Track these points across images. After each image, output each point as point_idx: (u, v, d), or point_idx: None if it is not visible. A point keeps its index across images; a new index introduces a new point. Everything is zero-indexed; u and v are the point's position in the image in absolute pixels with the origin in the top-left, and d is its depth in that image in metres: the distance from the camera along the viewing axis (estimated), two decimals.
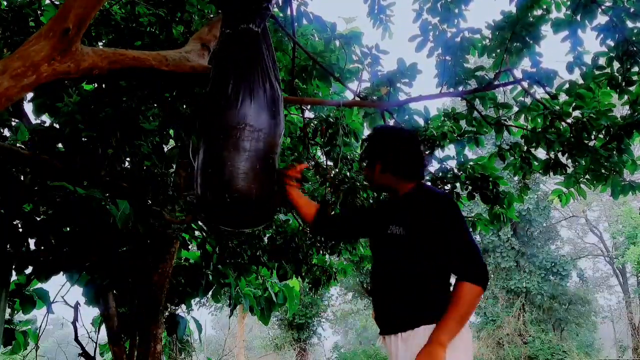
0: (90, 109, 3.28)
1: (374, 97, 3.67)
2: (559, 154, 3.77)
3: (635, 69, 3.32)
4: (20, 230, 3.58)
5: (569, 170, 3.90)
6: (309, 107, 4.22)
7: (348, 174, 3.93)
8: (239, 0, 2.15)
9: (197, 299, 7.04)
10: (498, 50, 3.53)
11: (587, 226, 26.16)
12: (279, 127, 2.08)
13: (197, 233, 4.71)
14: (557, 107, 3.59)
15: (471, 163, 3.93)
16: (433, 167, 4.04)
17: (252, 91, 2.01)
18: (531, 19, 3.38)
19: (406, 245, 1.89)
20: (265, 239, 4.78)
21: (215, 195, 1.98)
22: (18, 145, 3.73)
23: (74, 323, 4.79)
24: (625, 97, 3.43)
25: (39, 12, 3.32)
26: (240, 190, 1.94)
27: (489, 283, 1.89)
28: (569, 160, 3.76)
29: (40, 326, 5.08)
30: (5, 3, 3.28)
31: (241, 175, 1.94)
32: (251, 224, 2.26)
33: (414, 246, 1.88)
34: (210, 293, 5.31)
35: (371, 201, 3.94)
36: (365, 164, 2.14)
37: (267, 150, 2.02)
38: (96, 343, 5.17)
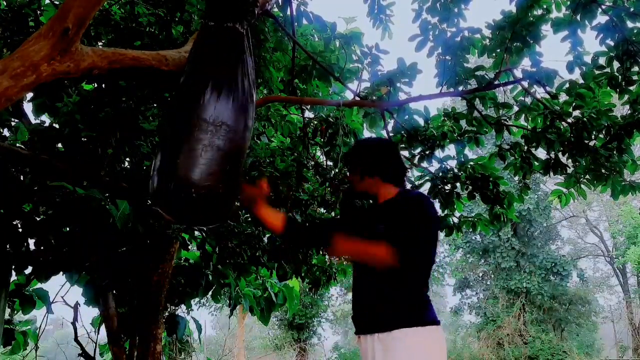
0: (90, 109, 3.28)
1: (374, 97, 3.67)
2: (559, 154, 3.76)
3: (635, 68, 3.32)
4: (20, 230, 3.58)
5: (569, 170, 3.89)
6: (309, 107, 4.22)
7: (348, 173, 3.93)
8: None
9: (197, 299, 7.03)
10: (498, 50, 3.53)
11: (587, 226, 26.17)
12: (245, 129, 2.03)
13: (197, 233, 4.70)
14: (558, 107, 3.59)
15: (471, 163, 3.92)
16: (433, 167, 4.04)
17: (220, 89, 1.96)
18: (531, 19, 3.38)
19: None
20: (265, 239, 4.78)
21: (165, 188, 1.93)
22: (18, 145, 3.73)
23: (73, 323, 4.79)
24: (626, 96, 3.43)
25: (38, 12, 3.32)
26: (189, 185, 1.88)
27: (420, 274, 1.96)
28: (569, 160, 3.76)
29: (40, 326, 5.08)
30: (5, 3, 3.27)
31: (193, 171, 1.88)
32: (203, 221, 2.24)
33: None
34: (210, 293, 5.31)
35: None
36: (349, 171, 2.24)
37: (227, 150, 1.96)
38: (96, 343, 5.16)
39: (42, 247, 3.60)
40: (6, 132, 3.96)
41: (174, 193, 1.91)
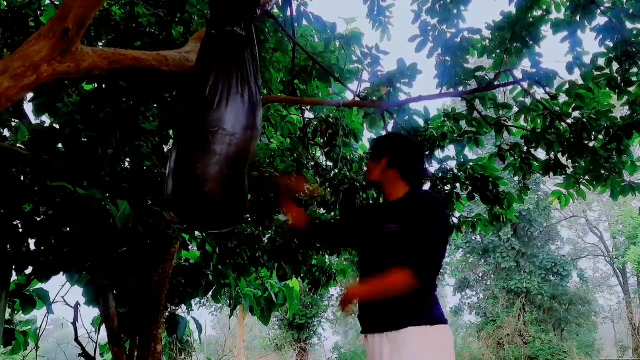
0: (90, 109, 3.28)
1: (374, 97, 3.67)
2: (559, 155, 3.77)
3: (634, 69, 3.32)
4: (20, 230, 3.58)
5: (569, 171, 3.90)
6: (309, 107, 4.22)
7: (348, 174, 3.94)
8: (227, 1, 2.13)
9: (197, 299, 7.04)
10: (498, 51, 3.54)
11: (587, 226, 26.17)
12: (253, 133, 2.06)
13: (197, 233, 4.71)
14: (557, 108, 3.59)
15: (471, 163, 3.93)
16: (432, 167, 4.05)
17: (229, 94, 1.98)
18: (531, 19, 3.38)
19: (398, 243, 1.92)
20: (265, 240, 4.78)
21: (181, 195, 1.98)
22: (18, 145, 3.73)
23: (74, 323, 4.79)
24: (625, 97, 3.43)
25: (38, 12, 3.32)
26: (205, 192, 1.93)
27: (437, 283, 1.98)
28: (569, 161, 3.76)
29: (40, 326, 5.09)
30: (5, 3, 3.28)
31: (208, 178, 1.93)
32: (215, 226, 2.32)
33: (404, 244, 1.91)
34: (210, 293, 5.31)
35: (371, 202, 3.94)
36: (371, 157, 2.20)
37: (238, 155, 1.99)
38: (96, 343, 5.16)
39: (42, 247, 3.60)
40: (6, 132, 3.97)
41: (189, 202, 1.96)
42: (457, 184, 3.95)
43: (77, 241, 3.65)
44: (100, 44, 3.44)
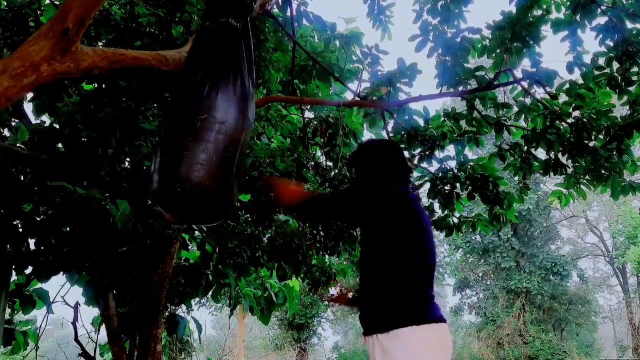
0: (90, 109, 3.28)
1: (374, 97, 3.67)
2: (559, 154, 3.77)
3: (635, 69, 3.32)
4: (20, 230, 3.58)
5: (569, 171, 3.90)
6: (309, 107, 4.22)
7: (348, 174, 3.93)
8: None
9: (197, 299, 7.04)
10: (498, 50, 3.53)
11: (587, 226, 26.17)
12: (245, 124, 2.02)
13: (197, 233, 4.71)
14: (557, 108, 3.59)
15: (471, 163, 3.93)
16: (433, 167, 4.04)
17: (221, 84, 1.96)
18: (531, 19, 3.38)
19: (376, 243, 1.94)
20: (265, 239, 4.78)
21: (167, 185, 1.92)
22: (18, 145, 3.73)
23: (74, 323, 4.80)
24: (625, 97, 3.43)
25: (39, 12, 3.32)
26: (192, 181, 1.87)
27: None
28: (569, 161, 3.76)
29: (40, 326, 5.09)
30: (5, 3, 3.28)
31: (195, 166, 1.87)
32: (204, 219, 2.23)
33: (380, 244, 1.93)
34: (210, 293, 5.31)
35: None
36: (358, 179, 2.13)
37: (228, 144, 1.95)
38: (96, 343, 5.17)
39: (42, 247, 3.60)
40: (6, 132, 3.96)
41: (175, 192, 1.90)
42: (458, 184, 3.95)
43: (77, 241, 3.65)
44: (100, 44, 3.44)
